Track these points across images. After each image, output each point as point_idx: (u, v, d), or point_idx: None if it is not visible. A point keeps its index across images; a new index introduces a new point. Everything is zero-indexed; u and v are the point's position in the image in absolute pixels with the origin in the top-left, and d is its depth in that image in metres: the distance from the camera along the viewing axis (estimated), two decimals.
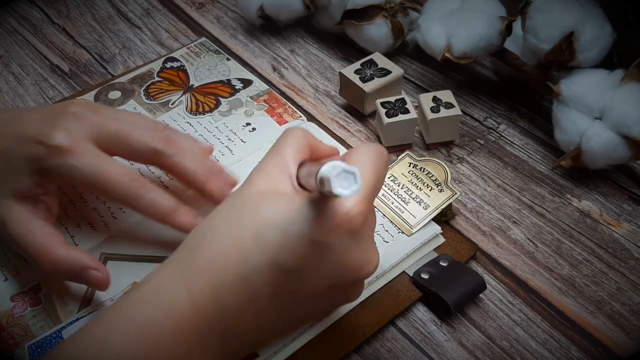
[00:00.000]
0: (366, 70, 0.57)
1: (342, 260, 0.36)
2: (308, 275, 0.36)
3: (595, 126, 0.51)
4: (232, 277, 0.35)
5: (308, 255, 0.35)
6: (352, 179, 0.30)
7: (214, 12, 0.71)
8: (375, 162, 0.37)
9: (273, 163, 0.37)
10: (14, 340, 0.42)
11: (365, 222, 0.36)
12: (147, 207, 0.42)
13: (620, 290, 0.46)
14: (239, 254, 0.35)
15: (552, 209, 0.52)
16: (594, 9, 0.52)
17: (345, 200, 0.34)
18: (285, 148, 0.38)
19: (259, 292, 0.35)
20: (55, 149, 0.40)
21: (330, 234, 0.35)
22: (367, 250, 0.37)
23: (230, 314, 0.35)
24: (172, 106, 0.58)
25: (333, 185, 0.29)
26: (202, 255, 0.35)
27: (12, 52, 0.66)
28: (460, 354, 0.43)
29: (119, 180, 0.41)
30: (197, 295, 0.34)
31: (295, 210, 0.35)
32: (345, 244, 0.36)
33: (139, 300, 0.35)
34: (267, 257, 0.35)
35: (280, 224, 0.35)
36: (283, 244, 0.34)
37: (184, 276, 0.35)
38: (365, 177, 0.35)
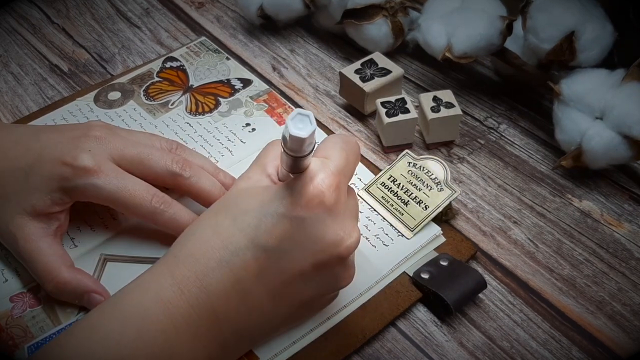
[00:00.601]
0: (366, 69, 0.57)
1: (319, 234, 0.37)
2: (288, 253, 0.37)
3: (596, 126, 0.50)
4: (214, 261, 0.37)
5: (285, 232, 0.36)
6: (307, 121, 0.32)
7: (213, 12, 0.71)
8: (341, 145, 0.39)
9: (252, 168, 0.41)
10: (13, 341, 0.42)
11: (340, 199, 0.38)
12: (169, 222, 0.45)
13: (621, 291, 0.46)
14: (219, 240, 0.37)
15: (553, 209, 0.51)
16: (595, 9, 0.52)
17: (315, 176, 0.37)
18: (264, 155, 0.41)
19: (243, 274, 0.37)
20: (81, 170, 0.43)
21: (304, 209, 0.36)
22: (344, 225, 0.38)
23: (216, 297, 0.36)
24: (171, 107, 0.58)
25: (290, 127, 0.32)
26: (185, 246, 0.38)
27: (11, 52, 0.66)
28: (461, 354, 0.43)
29: (142, 197, 0.44)
30: (181, 280, 0.36)
31: (269, 194, 0.37)
32: (321, 218, 0.37)
33: (127, 290, 0.37)
34: (245, 238, 0.37)
35: (256, 207, 0.37)
36: (259, 224, 0.37)
37: (170, 266, 0.37)
38: (332, 157, 0.38)
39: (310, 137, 0.33)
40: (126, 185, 0.43)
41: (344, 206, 0.38)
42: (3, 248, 0.46)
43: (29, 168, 0.43)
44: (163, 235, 0.46)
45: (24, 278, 0.45)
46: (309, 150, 0.34)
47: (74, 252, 0.46)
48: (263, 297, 0.38)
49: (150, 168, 0.45)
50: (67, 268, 0.43)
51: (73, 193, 0.43)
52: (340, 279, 0.40)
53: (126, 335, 0.35)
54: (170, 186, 0.46)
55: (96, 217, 0.48)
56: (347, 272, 0.40)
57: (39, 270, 0.43)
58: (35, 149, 0.44)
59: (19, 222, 0.43)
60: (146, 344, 0.35)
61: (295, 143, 0.33)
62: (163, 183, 0.46)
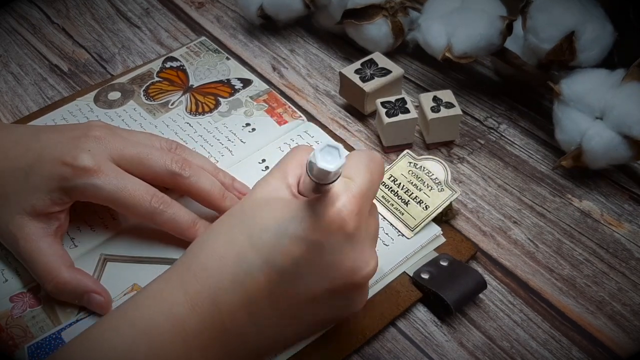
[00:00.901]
0: (366, 69, 0.57)
1: (336, 261, 0.36)
2: (303, 276, 0.36)
3: (596, 126, 0.50)
4: (227, 279, 0.36)
5: (301, 255, 0.35)
6: (337, 154, 0.31)
7: (213, 12, 0.71)
8: (367, 165, 0.38)
9: (273, 174, 0.39)
10: (13, 341, 0.42)
11: (360, 225, 0.37)
12: (168, 222, 0.44)
13: (621, 291, 0.46)
14: (234, 257, 0.36)
15: (553, 209, 0.51)
16: (595, 9, 0.52)
17: (337, 199, 0.35)
18: (286, 161, 0.39)
19: (255, 294, 0.36)
20: (80, 170, 0.42)
21: (323, 234, 0.35)
22: (363, 253, 0.37)
23: (227, 315, 0.36)
24: (171, 107, 0.58)
25: (317, 159, 0.31)
26: (199, 259, 0.37)
27: (11, 52, 0.66)
28: (461, 354, 0.43)
29: (142, 197, 0.44)
30: (194, 296, 0.35)
31: (288, 213, 0.36)
32: (339, 244, 0.36)
33: (139, 302, 0.36)
34: (260, 258, 0.35)
35: (274, 225, 0.36)
36: (276, 245, 0.35)
37: (182, 279, 0.36)
38: (356, 179, 0.37)
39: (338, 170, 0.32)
40: (126, 185, 0.43)
41: (365, 231, 0.38)
42: (3, 248, 0.46)
43: (29, 168, 0.43)
44: (163, 235, 0.46)
45: (24, 278, 0.45)
46: (335, 179, 0.33)
47: (74, 252, 0.46)
48: (274, 317, 0.37)
49: (149, 168, 0.45)
50: (67, 268, 0.43)
51: (73, 193, 0.43)
52: (354, 303, 0.40)
53: (137, 350, 0.34)
54: (170, 186, 0.46)
55: (96, 217, 0.48)
56: (360, 298, 0.40)
57: (39, 271, 0.43)
58: (35, 149, 0.44)
59: (19, 222, 0.43)
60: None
61: (322, 174, 0.32)
62: (162, 183, 0.46)
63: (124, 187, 0.43)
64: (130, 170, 0.44)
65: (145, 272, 0.45)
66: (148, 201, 0.44)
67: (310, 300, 0.37)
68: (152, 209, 0.44)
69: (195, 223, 0.45)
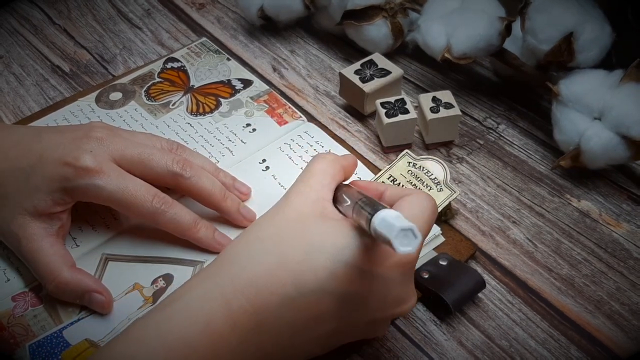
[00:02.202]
0: (366, 70, 0.57)
1: (387, 293, 0.36)
2: (351, 304, 0.35)
3: (594, 126, 0.51)
4: (277, 297, 0.34)
5: (355, 284, 0.35)
6: (412, 235, 0.31)
7: (214, 13, 0.72)
8: (429, 214, 0.37)
9: (308, 184, 0.38)
10: (14, 340, 0.42)
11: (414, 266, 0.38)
12: (170, 222, 0.45)
13: (619, 290, 0.46)
14: (288, 275, 0.34)
15: (552, 209, 0.52)
16: (594, 10, 0.52)
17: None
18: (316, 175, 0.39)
19: (302, 315, 0.35)
20: (82, 170, 0.43)
21: (380, 266, 0.35)
22: (409, 285, 0.38)
23: (268, 335, 0.34)
24: (172, 107, 0.58)
25: (395, 246, 0.30)
26: (246, 271, 0.35)
27: (13, 53, 0.67)
28: (460, 353, 0.43)
29: (143, 197, 0.44)
30: (237, 313, 0.33)
31: (344, 237, 0.35)
32: (392, 278, 0.36)
33: (171, 316, 0.34)
34: (317, 280, 0.34)
35: (331, 249, 0.34)
36: (333, 270, 0.34)
37: (224, 293, 0.34)
38: (422, 229, 0.36)
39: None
40: (127, 186, 0.44)
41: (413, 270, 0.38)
42: (5, 248, 0.46)
43: (30, 168, 0.43)
44: (164, 235, 0.46)
45: (26, 277, 0.45)
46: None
47: (76, 251, 0.46)
48: (312, 339, 0.36)
49: (151, 168, 0.45)
50: (68, 268, 0.43)
51: (74, 193, 0.43)
52: (378, 331, 0.40)
53: None
54: (171, 186, 0.46)
55: (98, 217, 0.48)
56: (386, 326, 0.40)
57: (41, 270, 0.43)
58: (37, 150, 0.44)
59: (21, 222, 0.43)
60: None
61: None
62: (164, 183, 0.46)
63: (125, 187, 0.43)
64: (131, 170, 0.45)
65: (147, 271, 0.45)
66: (149, 201, 0.44)
67: (350, 326, 0.37)
68: (153, 209, 0.44)
69: (197, 223, 0.45)
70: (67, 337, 0.42)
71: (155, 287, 0.44)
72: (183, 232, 0.45)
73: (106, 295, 0.43)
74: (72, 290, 0.43)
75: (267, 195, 0.50)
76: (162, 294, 0.44)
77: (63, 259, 0.44)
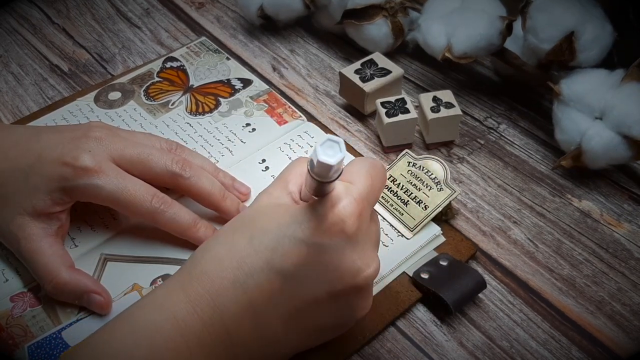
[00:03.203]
0: (366, 70, 0.57)
1: (337, 263, 0.36)
2: (304, 279, 0.36)
3: (595, 126, 0.51)
4: (227, 281, 0.36)
5: (302, 257, 0.35)
6: (337, 148, 0.31)
7: (213, 12, 0.71)
8: (367, 169, 0.38)
9: (275, 184, 0.39)
10: (13, 341, 0.42)
11: (361, 227, 0.37)
12: (169, 222, 0.45)
13: (620, 291, 0.46)
14: (234, 260, 0.36)
15: (553, 209, 0.52)
16: (595, 9, 0.52)
17: (337, 201, 0.36)
18: (288, 172, 0.40)
19: (256, 297, 0.36)
20: (81, 170, 0.43)
21: (323, 235, 0.35)
22: (364, 255, 0.37)
23: (229, 319, 0.36)
24: (172, 107, 0.58)
25: (318, 153, 0.31)
26: (200, 263, 0.37)
27: (12, 52, 0.66)
28: (461, 354, 0.43)
29: (142, 197, 0.44)
30: (195, 299, 0.35)
31: (289, 215, 0.36)
32: (340, 246, 0.36)
33: (141, 305, 0.36)
34: (261, 260, 0.36)
35: (274, 228, 0.36)
36: (276, 247, 0.35)
37: (184, 285, 0.36)
38: (357, 184, 0.37)
39: (339, 164, 0.32)
40: (126, 186, 0.43)
41: (365, 234, 0.38)
42: (4, 248, 0.46)
43: (29, 168, 0.43)
44: (163, 235, 0.46)
45: (25, 278, 0.45)
46: (336, 176, 0.34)
47: (75, 252, 0.46)
48: (276, 321, 0.37)
49: (150, 168, 0.45)
50: (66, 268, 0.43)
51: (73, 193, 0.43)
52: (357, 308, 0.39)
53: (138, 353, 0.34)
54: (170, 186, 0.46)
55: (96, 217, 0.48)
56: (364, 302, 0.39)
57: (39, 271, 0.43)
58: (36, 150, 0.44)
59: (20, 222, 0.43)
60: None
61: (323, 169, 0.32)
62: (163, 183, 0.46)
63: (124, 187, 0.43)
64: (130, 170, 0.45)
65: (146, 271, 0.45)
66: (149, 201, 0.44)
67: (312, 303, 0.37)
68: (152, 209, 0.44)
69: (196, 223, 0.45)
70: (66, 338, 0.42)
71: (154, 288, 0.44)
72: (182, 232, 0.45)
73: (105, 295, 0.43)
74: (70, 290, 0.43)
75: None
76: None
77: (62, 260, 0.44)
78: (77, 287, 0.43)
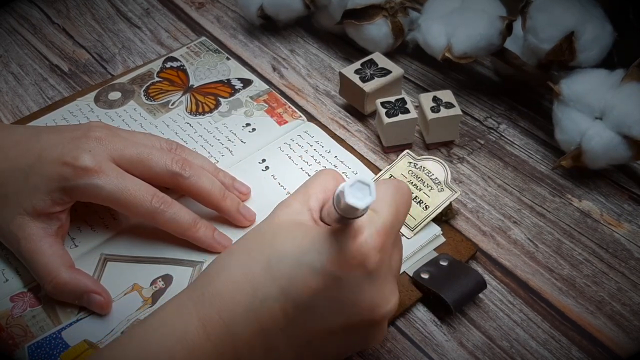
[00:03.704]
0: (366, 70, 0.57)
1: (355, 297, 0.35)
2: (319, 310, 0.35)
3: (595, 126, 0.51)
4: (242, 307, 0.34)
5: (318, 288, 0.34)
6: (367, 191, 0.29)
7: (213, 12, 0.71)
8: (393, 195, 0.36)
9: (295, 196, 0.38)
10: (13, 341, 0.42)
11: (383, 260, 0.35)
12: (169, 222, 0.44)
13: (620, 291, 0.46)
14: (249, 285, 0.34)
15: (553, 209, 0.52)
16: (595, 9, 0.52)
17: (360, 233, 0.33)
18: (310, 184, 0.38)
19: (269, 325, 0.35)
20: (81, 170, 0.42)
21: (342, 268, 0.33)
22: (383, 289, 0.35)
23: (241, 345, 0.35)
24: (172, 107, 0.58)
25: (347, 194, 0.29)
26: (214, 284, 0.35)
27: (12, 52, 0.66)
28: (461, 354, 0.43)
29: (142, 197, 0.44)
30: (208, 324, 0.34)
31: (309, 241, 0.34)
32: (358, 280, 0.34)
33: (152, 327, 0.35)
34: (276, 288, 0.34)
35: (292, 254, 0.34)
36: (293, 275, 0.34)
37: (196, 305, 0.35)
38: (382, 213, 0.35)
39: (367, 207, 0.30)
40: (126, 185, 0.43)
41: (387, 267, 0.36)
42: (4, 248, 0.46)
43: (29, 168, 0.43)
44: (163, 235, 0.46)
45: (25, 278, 0.45)
46: (361, 214, 0.32)
47: (75, 252, 0.46)
48: (288, 349, 0.36)
49: (150, 168, 0.45)
50: (66, 269, 0.43)
51: (73, 193, 0.43)
52: (371, 340, 0.38)
53: None
54: (170, 186, 0.46)
55: (96, 217, 0.48)
56: (378, 334, 0.38)
57: (39, 271, 0.43)
58: (36, 150, 0.44)
59: (20, 222, 0.43)
60: None
61: (349, 209, 0.30)
62: (163, 183, 0.46)
63: (124, 187, 0.43)
64: (130, 170, 0.44)
65: (146, 271, 0.45)
66: (149, 201, 0.44)
67: (325, 334, 0.36)
68: (152, 209, 0.44)
69: (196, 223, 0.45)
70: (66, 338, 0.42)
71: (154, 288, 0.44)
72: (182, 232, 0.45)
73: (105, 295, 0.43)
74: (70, 290, 0.43)
75: (266, 195, 0.50)
76: (162, 294, 0.44)
77: (62, 260, 0.44)
78: (77, 287, 0.43)
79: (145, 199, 0.44)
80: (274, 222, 0.37)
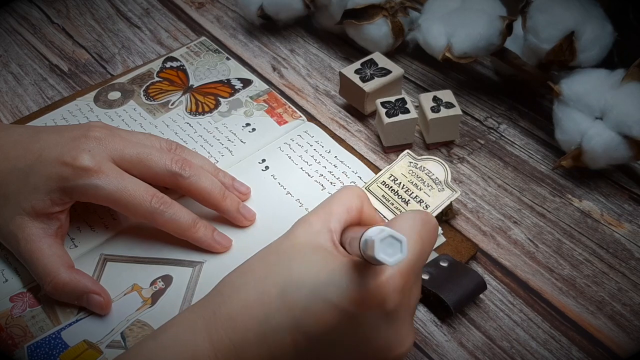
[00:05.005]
0: (366, 70, 0.57)
1: (370, 337, 0.34)
2: (332, 346, 0.34)
3: (596, 126, 0.50)
4: (252, 334, 0.34)
5: (333, 324, 0.33)
6: (398, 247, 0.28)
7: (213, 12, 0.71)
8: (419, 231, 0.34)
9: (317, 214, 0.36)
10: (13, 341, 0.42)
11: (403, 301, 0.34)
12: (168, 222, 0.44)
13: (621, 291, 0.46)
14: (262, 311, 0.34)
15: (553, 209, 0.51)
16: (595, 9, 0.52)
17: (382, 272, 0.32)
18: (333, 203, 0.37)
19: (280, 353, 0.34)
20: (81, 170, 0.42)
21: (360, 306, 0.32)
22: (400, 331, 0.34)
23: None
24: (171, 107, 0.58)
25: (377, 249, 0.28)
26: (227, 305, 0.35)
27: (12, 52, 0.66)
28: (461, 354, 0.43)
29: (142, 197, 0.43)
30: (218, 347, 0.34)
31: (327, 273, 0.33)
32: (376, 320, 0.33)
33: (160, 346, 0.34)
34: (290, 318, 0.33)
35: (309, 284, 0.33)
36: (308, 307, 0.33)
37: (208, 325, 0.34)
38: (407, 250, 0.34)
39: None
40: (126, 186, 0.43)
41: (405, 307, 0.34)
42: (3, 248, 0.46)
43: (28, 168, 0.43)
44: (163, 235, 0.46)
45: (24, 278, 0.45)
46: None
47: (74, 252, 0.46)
48: None
49: (150, 168, 0.45)
50: (66, 269, 0.43)
51: (73, 193, 0.43)
52: None
53: None
54: (170, 186, 0.46)
55: (96, 217, 0.48)
56: None
57: (38, 271, 0.43)
58: (35, 150, 0.44)
59: (20, 222, 0.43)
60: None
61: (377, 262, 0.29)
62: (163, 183, 0.46)
63: (124, 187, 0.43)
64: (130, 170, 0.44)
65: (145, 272, 0.45)
66: (148, 201, 0.44)
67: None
68: (152, 209, 0.44)
69: (196, 223, 0.45)
70: (65, 338, 0.42)
71: (154, 288, 0.44)
72: (182, 232, 0.45)
73: (104, 296, 0.43)
74: (70, 291, 0.43)
75: (266, 195, 0.50)
76: (161, 295, 0.44)
77: (61, 260, 0.43)
78: (76, 288, 0.43)
79: (144, 199, 0.44)
80: (293, 242, 0.35)
